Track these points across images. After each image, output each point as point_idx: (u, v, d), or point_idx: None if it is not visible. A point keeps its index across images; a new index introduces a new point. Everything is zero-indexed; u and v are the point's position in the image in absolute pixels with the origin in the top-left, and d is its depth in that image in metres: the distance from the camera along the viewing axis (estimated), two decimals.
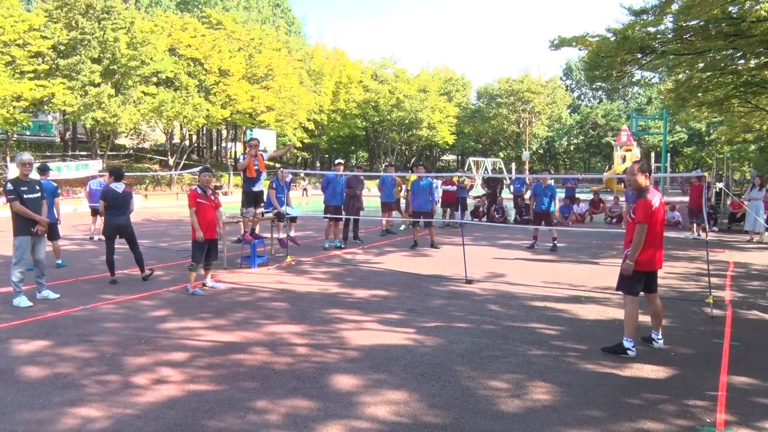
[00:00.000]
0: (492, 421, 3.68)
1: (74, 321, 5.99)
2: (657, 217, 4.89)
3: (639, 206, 4.92)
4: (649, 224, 4.85)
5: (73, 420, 3.65)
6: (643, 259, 4.91)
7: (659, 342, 5.21)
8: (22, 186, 6.68)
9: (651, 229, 4.87)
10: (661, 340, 5.21)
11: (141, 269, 8.21)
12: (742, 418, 3.76)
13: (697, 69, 15.75)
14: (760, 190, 13.60)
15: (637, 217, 4.92)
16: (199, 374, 4.48)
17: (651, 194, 4.92)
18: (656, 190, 5.04)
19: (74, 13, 27.18)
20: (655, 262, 4.98)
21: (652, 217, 4.85)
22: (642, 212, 4.87)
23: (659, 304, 5.19)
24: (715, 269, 9.19)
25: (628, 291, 5.01)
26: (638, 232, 4.88)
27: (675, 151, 56.85)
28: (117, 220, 8.03)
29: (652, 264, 4.97)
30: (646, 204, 4.85)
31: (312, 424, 3.61)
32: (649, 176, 5.04)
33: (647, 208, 4.84)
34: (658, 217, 4.90)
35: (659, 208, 4.92)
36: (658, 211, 4.89)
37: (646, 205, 4.85)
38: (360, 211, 12.87)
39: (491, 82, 65.87)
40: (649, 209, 4.84)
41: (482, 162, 46.29)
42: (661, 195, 5.12)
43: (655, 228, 4.90)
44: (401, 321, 6.10)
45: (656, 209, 4.88)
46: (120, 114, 27.67)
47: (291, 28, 58.37)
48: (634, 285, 4.98)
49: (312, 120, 44.49)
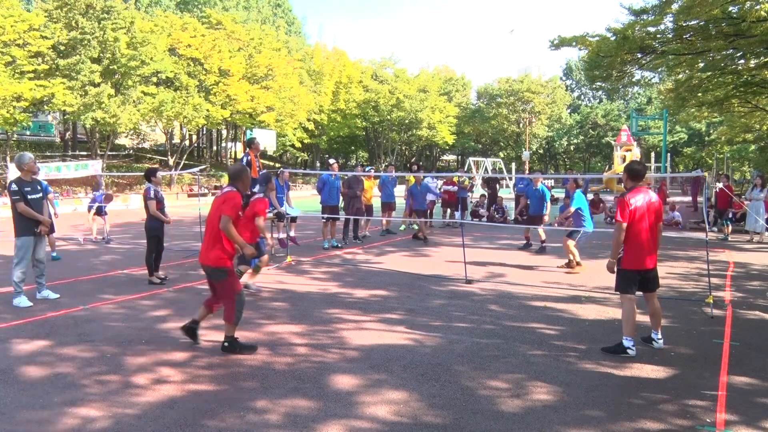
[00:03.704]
0: (492, 421, 3.68)
1: (74, 321, 5.99)
2: (637, 215, 4.97)
3: (617, 205, 5.16)
4: (629, 223, 4.97)
5: (73, 420, 3.65)
6: (629, 257, 5.02)
7: (659, 342, 5.21)
8: (25, 186, 6.65)
9: (632, 227, 4.97)
10: (661, 340, 5.22)
11: (157, 269, 8.24)
12: (742, 418, 3.76)
13: (697, 69, 15.75)
14: (761, 190, 13.61)
15: (614, 216, 5.17)
16: (199, 374, 4.48)
17: (633, 194, 5.04)
18: (645, 190, 5.11)
19: (74, 13, 27.16)
20: (643, 260, 5.01)
21: (631, 216, 4.96)
22: (618, 211, 5.06)
23: (657, 303, 5.21)
24: (715, 269, 9.19)
25: (623, 290, 5.09)
26: (615, 230, 5.09)
27: (675, 151, 56.83)
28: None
29: (640, 262, 5.01)
30: (622, 203, 5.01)
31: (312, 424, 3.61)
32: (637, 177, 5.15)
33: (623, 208, 5.00)
34: (639, 216, 4.98)
35: (643, 206, 4.99)
36: (637, 211, 4.97)
37: (622, 204, 5.02)
38: (360, 211, 12.87)
39: (491, 82, 65.84)
40: (625, 208, 4.98)
41: (482, 162, 46.27)
42: (653, 195, 5.16)
43: (637, 226, 4.98)
44: (401, 321, 6.10)
45: (635, 208, 4.97)
46: (120, 114, 27.65)
47: (291, 28, 58.34)
48: (628, 284, 5.05)
49: (312, 120, 44.45)
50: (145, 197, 8.18)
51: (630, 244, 5.00)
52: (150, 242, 8.03)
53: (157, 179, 8.33)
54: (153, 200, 8.04)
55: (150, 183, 8.24)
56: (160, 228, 8.10)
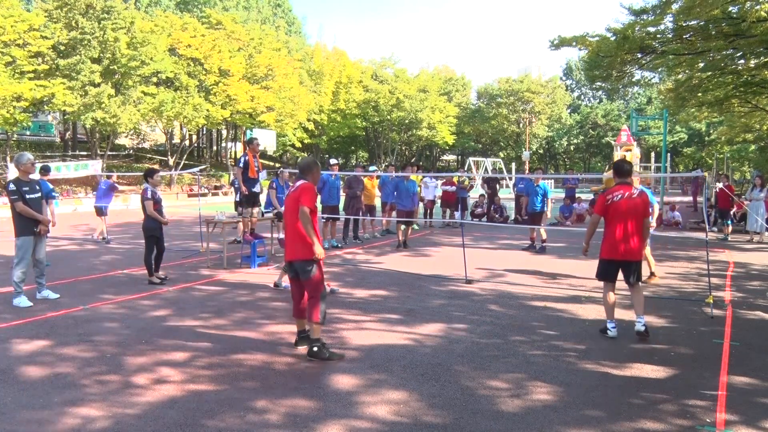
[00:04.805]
0: (492, 421, 3.68)
1: (74, 321, 5.99)
2: (612, 210, 5.44)
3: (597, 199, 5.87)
4: (605, 216, 5.50)
5: (73, 420, 3.65)
6: (605, 247, 5.55)
7: (639, 325, 5.44)
8: (24, 186, 6.66)
9: (609, 220, 5.47)
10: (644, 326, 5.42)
11: (157, 269, 8.24)
12: (742, 418, 3.76)
13: (697, 69, 15.73)
14: (760, 190, 13.61)
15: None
16: (199, 374, 4.48)
17: (613, 190, 5.53)
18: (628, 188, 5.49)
19: (74, 13, 27.14)
20: (618, 251, 5.43)
21: (608, 211, 5.47)
22: (596, 204, 5.75)
23: (640, 295, 5.54)
24: (715, 269, 9.19)
25: (600, 277, 5.66)
26: (590, 221, 5.82)
27: (675, 151, 56.78)
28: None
29: (615, 252, 5.44)
30: (601, 198, 5.64)
31: (312, 424, 3.61)
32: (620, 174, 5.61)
33: (600, 203, 5.61)
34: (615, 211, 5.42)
35: (621, 202, 5.41)
36: (613, 206, 5.43)
37: (600, 199, 5.65)
38: (360, 212, 12.87)
39: (491, 82, 65.77)
40: (601, 203, 5.57)
41: (482, 162, 46.26)
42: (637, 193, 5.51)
43: (613, 220, 5.44)
44: (401, 321, 6.10)
45: (613, 203, 5.44)
46: (120, 114, 27.64)
47: (291, 28, 58.30)
48: (603, 272, 5.60)
49: (312, 120, 44.43)
50: (142, 197, 8.19)
51: (607, 236, 5.53)
52: (148, 242, 8.03)
53: (155, 180, 8.32)
54: (150, 201, 8.04)
55: (147, 183, 8.24)
56: (157, 228, 8.10)
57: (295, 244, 4.81)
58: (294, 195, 4.86)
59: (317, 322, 4.76)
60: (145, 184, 8.29)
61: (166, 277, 8.25)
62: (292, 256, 4.84)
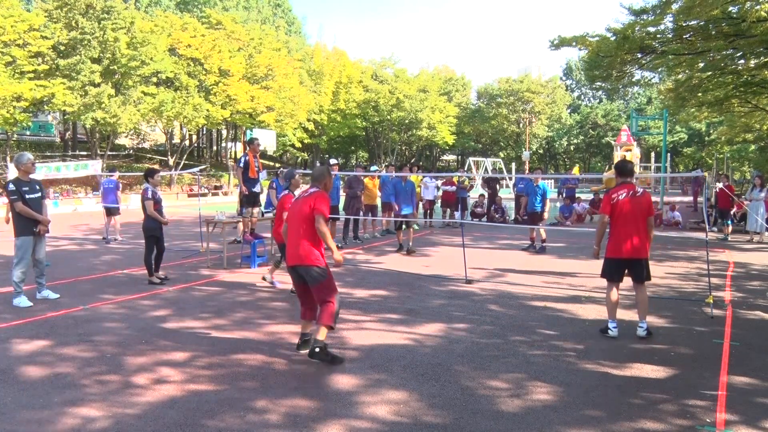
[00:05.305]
0: (492, 421, 3.68)
1: (74, 321, 5.99)
2: (617, 209, 5.47)
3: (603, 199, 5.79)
4: (611, 215, 5.51)
5: (73, 420, 3.65)
6: (611, 246, 5.56)
7: (641, 330, 5.46)
8: (23, 186, 6.66)
9: (615, 220, 5.50)
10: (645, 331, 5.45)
11: (157, 269, 8.24)
12: (742, 418, 3.76)
13: (697, 69, 15.73)
14: (760, 190, 13.61)
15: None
16: (199, 374, 4.48)
17: (617, 189, 5.57)
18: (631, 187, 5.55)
19: (74, 13, 27.13)
20: (624, 249, 5.43)
21: (613, 210, 5.49)
22: (602, 205, 5.69)
23: (644, 294, 5.53)
24: (715, 269, 9.19)
25: (605, 276, 5.64)
26: (598, 221, 5.74)
27: (675, 151, 56.78)
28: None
29: (621, 251, 5.45)
30: (606, 197, 5.64)
31: (312, 424, 3.61)
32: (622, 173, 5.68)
33: (605, 202, 5.61)
34: (620, 210, 5.45)
35: (625, 201, 5.45)
36: (619, 205, 5.46)
37: (606, 198, 5.64)
38: (360, 212, 12.87)
39: (491, 82, 65.76)
40: (607, 203, 5.57)
41: (482, 162, 46.26)
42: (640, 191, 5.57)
43: (619, 219, 5.47)
44: (401, 321, 6.10)
45: (617, 202, 5.47)
46: (120, 114, 27.64)
47: (291, 28, 58.30)
48: (608, 271, 5.59)
49: (312, 120, 44.41)
50: (142, 197, 8.19)
51: (612, 235, 5.55)
52: (148, 242, 8.03)
53: (155, 180, 8.33)
54: (150, 200, 8.04)
55: (148, 183, 8.24)
56: (157, 228, 8.10)
57: (299, 249, 4.72)
58: (306, 201, 4.77)
59: (327, 325, 4.68)
60: (146, 184, 8.30)
61: (166, 277, 8.25)
62: (296, 261, 4.75)
